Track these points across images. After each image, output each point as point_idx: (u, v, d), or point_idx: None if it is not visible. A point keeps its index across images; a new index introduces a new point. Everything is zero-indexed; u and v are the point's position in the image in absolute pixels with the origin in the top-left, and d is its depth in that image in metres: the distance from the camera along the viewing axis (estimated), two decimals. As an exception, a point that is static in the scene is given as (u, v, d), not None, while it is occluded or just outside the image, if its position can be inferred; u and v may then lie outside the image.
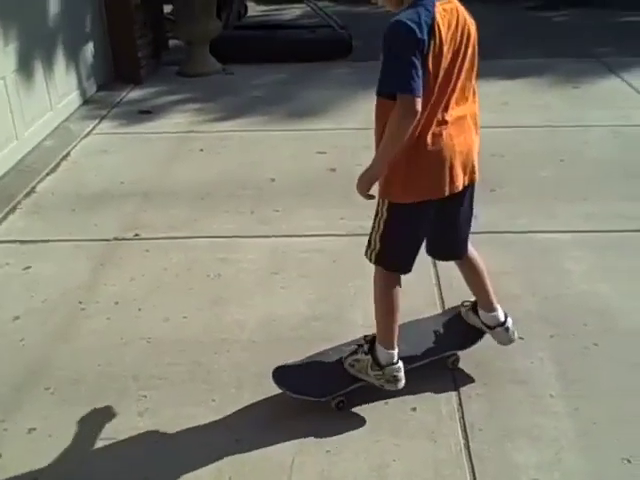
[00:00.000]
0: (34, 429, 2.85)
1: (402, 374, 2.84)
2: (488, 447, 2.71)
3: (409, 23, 2.38)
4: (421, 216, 2.71)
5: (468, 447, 2.71)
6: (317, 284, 3.77)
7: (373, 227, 2.77)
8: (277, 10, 11.08)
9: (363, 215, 4.32)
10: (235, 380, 3.09)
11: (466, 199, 2.80)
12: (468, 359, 3.13)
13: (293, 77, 7.50)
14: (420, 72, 2.38)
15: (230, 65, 7.86)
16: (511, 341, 3.06)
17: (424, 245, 2.88)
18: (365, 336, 2.95)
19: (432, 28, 2.40)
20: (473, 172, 2.73)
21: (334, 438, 2.77)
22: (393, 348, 2.84)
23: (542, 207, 4.52)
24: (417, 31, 2.37)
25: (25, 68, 5.56)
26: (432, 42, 2.40)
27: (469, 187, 2.76)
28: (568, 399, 2.93)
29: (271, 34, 8.46)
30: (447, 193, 2.64)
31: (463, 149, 2.64)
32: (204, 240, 4.26)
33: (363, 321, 3.37)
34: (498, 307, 3.02)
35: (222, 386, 3.06)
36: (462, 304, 3.18)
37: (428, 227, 2.78)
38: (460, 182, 2.67)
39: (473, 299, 3.10)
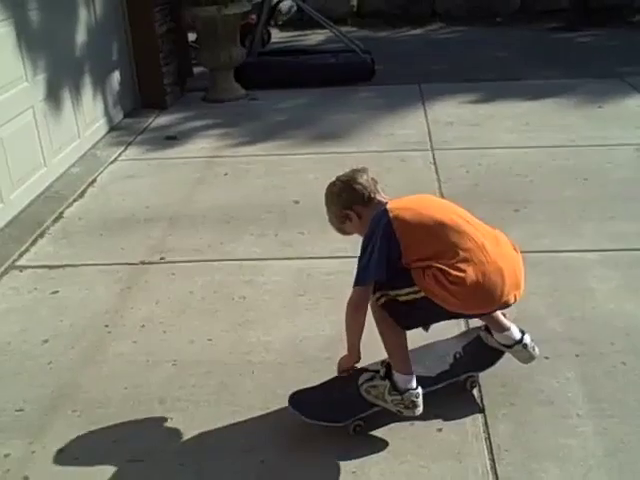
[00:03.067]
0: (61, 451, 2.88)
1: (421, 400, 2.80)
2: (515, 468, 2.69)
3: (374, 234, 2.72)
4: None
5: (495, 468, 2.69)
6: (342, 306, 3.72)
7: (393, 288, 2.76)
8: (300, 36, 11.19)
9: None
10: (261, 401, 3.09)
11: None
12: (494, 379, 3.11)
13: (316, 101, 7.56)
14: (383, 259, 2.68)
15: (254, 91, 7.94)
16: (532, 358, 3.02)
17: None
18: (382, 361, 2.92)
19: (392, 223, 2.69)
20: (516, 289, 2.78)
21: (360, 459, 2.76)
22: (411, 373, 2.83)
23: (567, 227, 4.50)
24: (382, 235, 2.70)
25: (53, 97, 5.66)
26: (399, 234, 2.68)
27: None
28: (595, 419, 2.90)
29: (294, 59, 8.54)
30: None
31: (509, 266, 2.73)
32: (229, 263, 4.29)
33: (388, 342, 3.37)
34: (511, 326, 2.99)
35: (248, 407, 3.07)
36: (481, 327, 3.15)
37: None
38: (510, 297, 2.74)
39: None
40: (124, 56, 7.24)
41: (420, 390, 2.81)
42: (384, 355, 2.90)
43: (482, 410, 2.98)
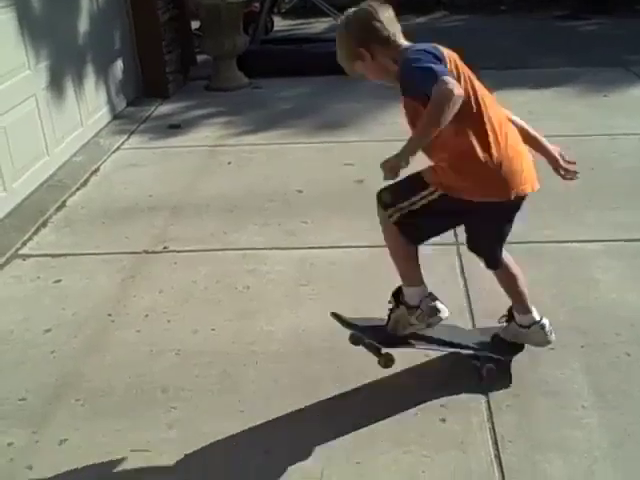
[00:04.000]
0: (65, 441, 2.87)
1: (440, 303, 2.86)
2: (519, 459, 2.68)
3: (424, 49, 2.53)
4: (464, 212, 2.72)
5: (499, 459, 2.68)
6: (345, 295, 3.76)
7: (406, 197, 2.73)
8: (303, 24, 11.14)
9: (391, 226, 4.35)
10: (264, 391, 3.09)
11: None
12: (498, 370, 3.10)
13: (320, 90, 7.53)
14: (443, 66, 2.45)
15: (257, 79, 7.91)
16: (547, 342, 3.03)
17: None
18: (389, 301, 2.99)
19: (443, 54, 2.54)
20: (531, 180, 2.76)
21: (364, 449, 2.76)
22: (422, 283, 2.86)
23: (571, 216, 4.48)
24: (435, 51, 2.53)
25: (56, 85, 5.64)
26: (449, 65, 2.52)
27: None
28: (600, 410, 2.89)
29: (298, 48, 8.50)
30: (513, 197, 2.68)
31: (523, 154, 2.73)
32: (232, 252, 4.28)
33: (391, 332, 3.37)
34: (533, 309, 3.00)
35: (251, 397, 3.06)
36: (498, 320, 3.13)
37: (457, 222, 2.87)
38: (527, 186, 2.71)
39: (506, 310, 3.08)
40: (127, 44, 7.21)
41: (434, 296, 2.87)
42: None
43: (486, 400, 2.97)
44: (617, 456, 2.67)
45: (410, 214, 2.73)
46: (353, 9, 2.69)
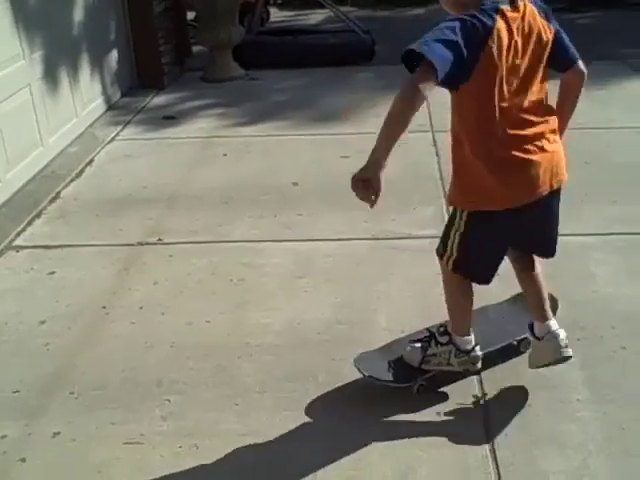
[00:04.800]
0: (58, 433, 2.86)
1: (481, 354, 2.90)
2: (514, 454, 2.67)
3: (465, 17, 2.32)
4: (504, 225, 2.63)
5: (494, 453, 2.67)
6: (341, 288, 3.75)
7: (448, 235, 2.69)
8: (300, 15, 11.11)
9: (387, 219, 4.34)
10: (259, 384, 3.08)
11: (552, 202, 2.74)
12: (494, 364, 3.10)
13: (316, 82, 7.51)
14: (452, 54, 2.27)
15: (253, 70, 7.88)
16: (560, 354, 2.83)
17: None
18: (428, 330, 2.98)
19: (491, 33, 2.31)
20: (558, 175, 2.66)
21: (360, 444, 2.74)
22: (470, 334, 2.88)
23: (568, 210, 4.42)
24: (472, 25, 2.29)
25: (50, 75, 5.61)
26: (492, 47, 2.32)
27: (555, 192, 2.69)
28: (596, 404, 2.88)
29: (294, 39, 8.48)
30: (533, 198, 2.59)
31: (545, 153, 2.59)
32: (228, 245, 4.26)
33: (387, 325, 3.36)
34: (553, 318, 2.90)
35: (246, 390, 3.05)
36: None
37: (512, 236, 2.72)
38: (544, 186, 2.60)
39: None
40: (122, 35, 7.17)
41: (478, 347, 2.90)
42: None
43: (482, 395, 2.96)
44: (611, 450, 2.66)
45: (459, 253, 2.67)
46: None
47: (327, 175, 5.14)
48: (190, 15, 8.44)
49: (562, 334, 2.85)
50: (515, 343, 3.13)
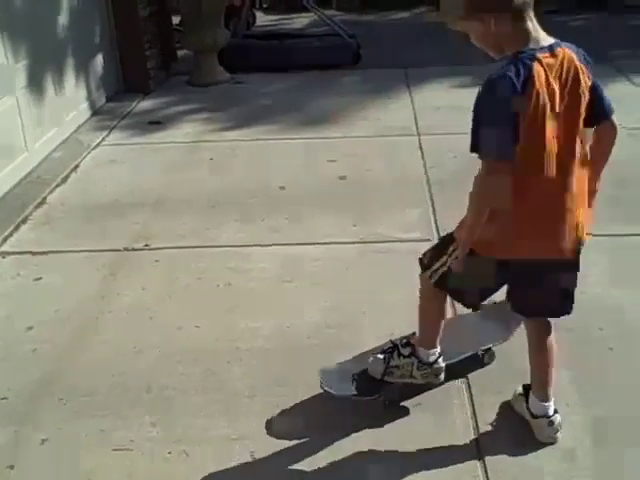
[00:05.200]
0: (47, 440, 2.84)
1: (443, 366, 2.87)
2: (503, 456, 2.67)
3: (504, 80, 2.29)
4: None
5: (483, 460, 2.67)
6: (329, 292, 3.75)
7: (441, 261, 2.62)
8: (285, 19, 11.11)
9: (374, 222, 4.34)
10: (248, 389, 3.07)
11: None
12: (481, 367, 3.10)
13: (302, 85, 7.51)
14: (510, 133, 2.31)
15: (239, 74, 7.88)
16: (551, 439, 2.72)
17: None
18: (391, 342, 2.93)
19: (528, 83, 2.27)
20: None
21: (348, 447, 2.74)
22: (435, 347, 2.85)
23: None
24: (512, 87, 2.27)
25: (35, 81, 5.58)
26: (528, 99, 2.28)
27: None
28: (584, 407, 2.89)
29: (280, 43, 8.48)
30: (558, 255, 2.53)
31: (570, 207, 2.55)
32: (215, 249, 4.25)
33: (376, 328, 3.36)
34: (552, 400, 2.75)
35: (235, 395, 3.04)
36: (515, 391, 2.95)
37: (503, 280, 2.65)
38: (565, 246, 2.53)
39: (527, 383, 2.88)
40: (107, 39, 7.15)
41: (442, 359, 2.87)
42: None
43: (470, 397, 2.97)
44: (600, 453, 2.67)
45: (448, 274, 2.60)
46: None
47: (314, 179, 5.14)
48: (176, 20, 8.43)
49: (557, 420, 2.73)
50: (480, 354, 3.10)
